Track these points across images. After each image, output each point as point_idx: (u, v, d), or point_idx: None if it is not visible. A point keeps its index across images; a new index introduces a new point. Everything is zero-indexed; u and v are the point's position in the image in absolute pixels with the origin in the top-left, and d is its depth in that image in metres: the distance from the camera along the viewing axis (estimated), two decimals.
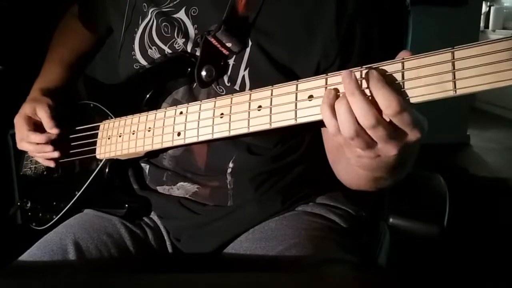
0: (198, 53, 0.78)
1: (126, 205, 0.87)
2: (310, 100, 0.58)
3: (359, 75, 0.53)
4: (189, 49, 0.80)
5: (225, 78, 0.78)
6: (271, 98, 0.62)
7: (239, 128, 0.66)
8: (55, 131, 0.89)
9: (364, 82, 0.52)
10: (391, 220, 0.89)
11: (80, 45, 1.03)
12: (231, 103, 0.67)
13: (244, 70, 0.77)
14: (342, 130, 0.53)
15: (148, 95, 0.82)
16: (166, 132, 0.76)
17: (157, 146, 0.78)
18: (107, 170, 0.87)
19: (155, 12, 0.82)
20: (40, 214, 0.97)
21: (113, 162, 0.87)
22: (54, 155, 0.91)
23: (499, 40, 0.46)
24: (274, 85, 0.62)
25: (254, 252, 0.79)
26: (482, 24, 4.31)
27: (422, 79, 0.50)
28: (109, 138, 0.85)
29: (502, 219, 2.29)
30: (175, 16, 0.81)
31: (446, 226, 0.86)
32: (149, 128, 0.78)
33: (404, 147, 0.54)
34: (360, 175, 0.66)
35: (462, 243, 1.95)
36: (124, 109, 0.84)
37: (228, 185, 0.83)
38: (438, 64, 0.49)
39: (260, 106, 0.63)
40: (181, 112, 0.74)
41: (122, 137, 0.83)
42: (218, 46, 0.75)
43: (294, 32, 0.76)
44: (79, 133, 0.91)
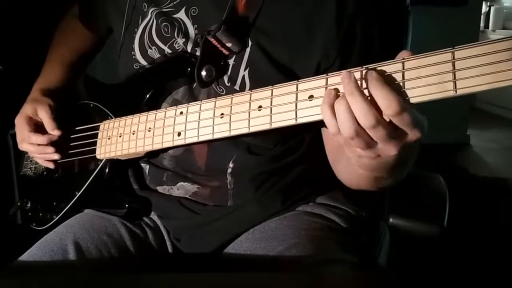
0: (198, 53, 0.78)
1: (126, 205, 0.87)
2: (310, 100, 0.58)
3: (359, 75, 0.54)
4: (189, 49, 0.80)
5: (225, 78, 0.78)
6: (272, 98, 0.62)
7: (240, 128, 0.66)
8: (57, 132, 0.89)
9: (364, 82, 0.53)
10: (391, 220, 0.89)
11: (81, 45, 1.03)
12: (232, 103, 0.67)
13: (244, 70, 0.77)
14: (342, 130, 0.53)
15: (148, 95, 0.82)
16: (166, 132, 0.76)
17: (157, 146, 0.78)
18: (107, 170, 0.87)
19: (155, 12, 0.82)
20: (40, 214, 0.97)
21: (113, 162, 0.87)
22: (55, 157, 0.91)
23: (499, 40, 0.46)
24: (275, 85, 0.62)
25: (254, 252, 0.79)
26: (482, 24, 4.31)
27: (423, 79, 0.50)
28: (109, 138, 0.85)
29: (502, 219, 2.29)
30: (175, 16, 0.81)
31: (446, 226, 0.86)
32: (149, 128, 0.78)
33: (404, 147, 0.54)
34: (360, 175, 0.66)
35: (462, 243, 1.95)
36: (124, 109, 0.84)
37: (228, 185, 0.83)
38: (439, 64, 0.49)
39: (260, 106, 0.63)
40: (181, 112, 0.74)
41: (122, 137, 0.83)
42: (218, 46, 0.75)
43: (294, 32, 0.76)
44: (79, 133, 0.91)
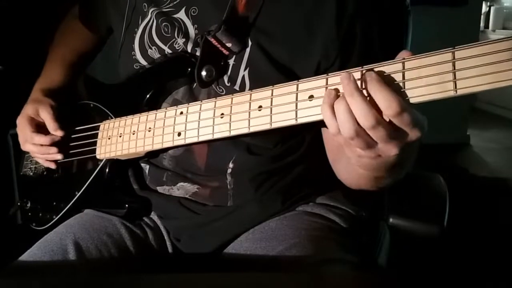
0: (198, 53, 0.78)
1: (126, 205, 0.87)
2: (310, 100, 0.58)
3: (359, 75, 0.53)
4: (189, 49, 0.80)
5: (225, 78, 0.78)
6: (272, 98, 0.62)
7: (240, 128, 0.65)
8: (60, 133, 0.89)
9: (364, 83, 0.52)
10: (391, 220, 0.89)
11: (81, 45, 1.03)
12: (232, 103, 0.67)
13: (244, 70, 0.77)
14: (342, 131, 0.53)
15: (148, 95, 0.82)
16: (166, 132, 0.76)
17: (157, 146, 0.78)
18: (107, 170, 0.87)
19: (155, 12, 0.82)
20: (40, 214, 0.97)
21: (113, 162, 0.87)
22: (58, 157, 0.91)
23: (500, 40, 0.46)
24: (275, 85, 0.62)
25: (254, 252, 0.79)
26: (482, 24, 4.31)
27: (423, 79, 0.50)
28: (109, 138, 0.85)
29: (502, 219, 2.29)
30: (175, 16, 0.81)
31: (446, 226, 0.86)
32: (150, 128, 0.78)
33: (404, 146, 0.54)
34: (360, 175, 0.66)
35: (462, 243, 1.95)
36: (124, 109, 0.84)
37: (228, 185, 0.83)
38: (439, 64, 0.49)
39: (260, 106, 0.63)
40: (182, 112, 0.74)
41: (123, 137, 0.83)
42: (218, 46, 0.75)
43: (294, 32, 0.76)
44: (79, 133, 0.91)
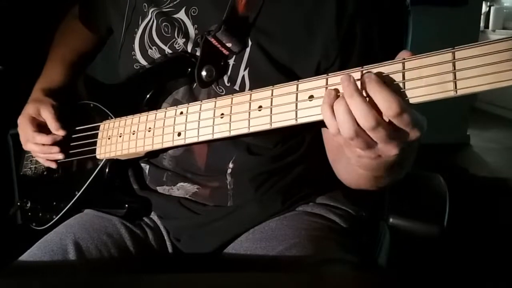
0: (198, 53, 0.78)
1: (126, 205, 0.87)
2: (310, 100, 0.58)
3: (359, 75, 0.53)
4: (189, 49, 0.80)
5: (225, 78, 0.78)
6: (272, 98, 0.62)
7: (240, 128, 0.65)
8: (61, 132, 0.89)
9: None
10: (391, 220, 0.89)
11: (81, 45, 1.03)
12: (232, 103, 0.67)
13: (244, 70, 0.77)
14: (342, 131, 0.53)
15: (148, 95, 0.82)
16: (166, 132, 0.76)
17: (157, 146, 0.78)
18: (107, 170, 0.87)
19: (155, 12, 0.82)
20: (40, 214, 0.97)
21: (113, 162, 0.87)
22: (59, 157, 0.91)
23: (500, 41, 0.46)
24: (275, 85, 0.62)
25: (254, 252, 0.79)
26: (482, 24, 4.31)
27: (423, 79, 0.50)
28: (109, 138, 0.85)
29: (502, 219, 2.29)
30: (175, 16, 0.81)
31: (446, 226, 0.86)
32: (149, 128, 0.78)
33: (404, 146, 0.54)
34: (360, 175, 0.66)
35: (462, 243, 1.95)
36: (124, 109, 0.84)
37: (228, 185, 0.83)
38: (439, 65, 0.49)
39: (260, 106, 0.63)
40: (182, 112, 0.74)
41: (122, 137, 0.83)
42: (218, 46, 0.75)
43: (294, 32, 0.76)
44: (80, 133, 0.91)
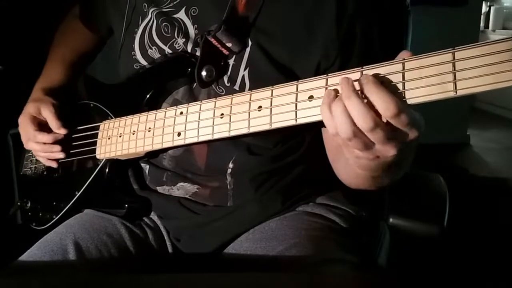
0: (198, 53, 0.78)
1: (126, 205, 0.87)
2: (310, 100, 0.58)
3: (358, 76, 0.53)
4: (189, 49, 0.80)
5: (225, 78, 0.78)
6: (272, 99, 0.62)
7: (239, 128, 0.65)
8: (63, 131, 0.89)
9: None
10: (391, 220, 0.89)
11: (81, 45, 1.03)
12: (231, 103, 0.67)
13: (244, 70, 0.77)
14: (340, 132, 0.53)
15: (148, 95, 0.82)
16: (166, 132, 0.76)
17: (157, 146, 0.78)
18: (107, 170, 0.87)
19: (155, 12, 0.82)
20: (40, 214, 0.97)
21: (113, 162, 0.87)
22: (60, 156, 0.91)
23: (500, 41, 0.46)
24: (275, 86, 0.62)
25: (254, 252, 0.79)
26: (482, 24, 4.31)
27: (423, 79, 0.50)
28: (109, 138, 0.85)
29: (502, 219, 2.29)
30: (175, 16, 0.81)
31: (446, 226, 0.86)
32: (149, 128, 0.78)
33: (402, 147, 0.54)
34: (358, 175, 0.66)
35: (462, 243, 1.95)
36: (124, 109, 0.84)
37: (228, 185, 0.83)
38: (439, 65, 0.49)
39: (260, 106, 0.63)
40: (181, 112, 0.74)
41: (122, 137, 0.83)
42: (218, 46, 0.75)
43: (294, 32, 0.76)
44: (80, 133, 0.91)
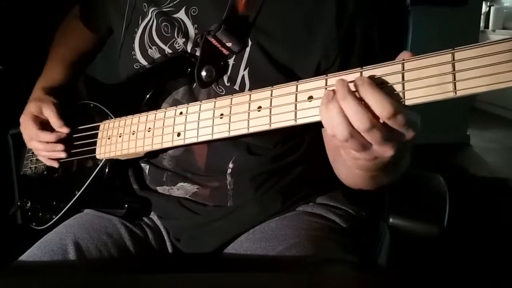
0: (198, 53, 0.78)
1: (126, 205, 0.87)
2: (310, 101, 0.58)
3: (358, 76, 0.53)
4: (189, 49, 0.80)
5: (225, 78, 0.78)
6: (271, 99, 0.62)
7: (239, 128, 0.65)
8: (65, 130, 0.89)
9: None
10: (391, 220, 0.89)
11: (82, 45, 1.03)
12: (231, 103, 0.67)
13: (244, 69, 0.77)
14: (336, 133, 0.53)
15: (148, 95, 0.82)
16: (166, 132, 0.76)
17: (157, 147, 0.78)
18: (107, 170, 0.87)
19: (155, 12, 0.82)
20: (40, 214, 0.97)
21: (113, 162, 0.87)
22: (62, 155, 0.91)
23: (500, 42, 0.46)
24: (274, 86, 0.62)
25: (254, 252, 0.79)
26: (482, 24, 4.30)
27: (422, 80, 0.50)
28: (109, 138, 0.85)
29: (502, 219, 2.29)
30: (175, 16, 0.81)
31: (446, 226, 0.86)
32: (149, 129, 0.78)
33: (399, 146, 0.54)
34: (357, 175, 0.66)
35: (462, 243, 1.95)
36: (124, 109, 0.84)
37: (228, 185, 0.83)
38: (438, 65, 0.49)
39: (260, 106, 0.63)
40: (181, 113, 0.74)
41: (122, 137, 0.83)
42: (218, 46, 0.75)
43: (294, 31, 0.76)
44: (79, 133, 0.91)
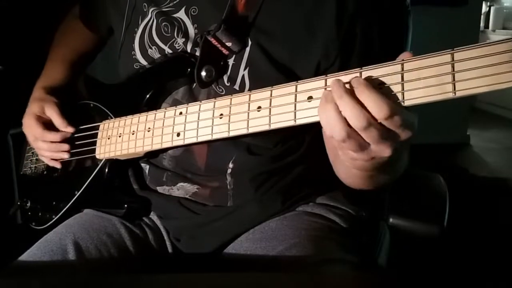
0: (198, 53, 0.78)
1: (126, 205, 0.87)
2: (309, 101, 0.58)
3: (358, 76, 0.54)
4: (189, 48, 0.80)
5: (225, 78, 0.78)
6: (271, 99, 0.62)
7: (239, 129, 0.65)
8: (70, 129, 0.89)
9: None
10: (391, 220, 0.89)
11: (82, 45, 1.03)
12: (231, 103, 0.67)
13: (244, 69, 0.77)
14: (334, 133, 0.53)
15: (148, 95, 0.82)
16: (165, 132, 0.76)
17: (156, 147, 0.78)
18: (106, 170, 0.87)
19: (155, 11, 0.82)
20: (40, 213, 0.97)
21: (113, 162, 0.87)
22: (65, 156, 0.91)
23: (499, 42, 0.46)
24: (274, 86, 0.62)
25: (254, 252, 0.79)
26: (482, 24, 4.30)
27: (422, 80, 0.50)
28: (109, 138, 0.85)
29: (502, 219, 2.29)
30: (175, 15, 0.81)
31: (446, 226, 0.86)
32: (149, 129, 0.78)
33: (397, 146, 0.54)
34: (355, 175, 0.66)
35: (462, 243, 1.95)
36: (124, 109, 0.84)
37: (228, 185, 0.83)
38: (438, 66, 0.49)
39: (259, 106, 0.63)
40: (181, 113, 0.74)
41: (122, 137, 0.83)
42: (218, 46, 0.75)
43: (294, 31, 0.76)
44: (79, 133, 0.91)
